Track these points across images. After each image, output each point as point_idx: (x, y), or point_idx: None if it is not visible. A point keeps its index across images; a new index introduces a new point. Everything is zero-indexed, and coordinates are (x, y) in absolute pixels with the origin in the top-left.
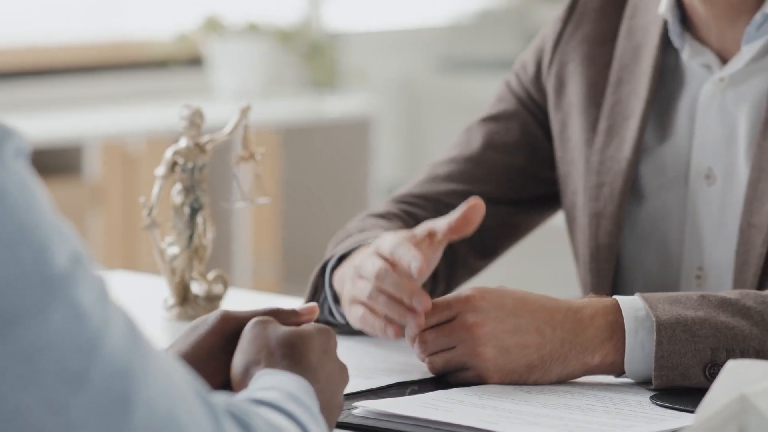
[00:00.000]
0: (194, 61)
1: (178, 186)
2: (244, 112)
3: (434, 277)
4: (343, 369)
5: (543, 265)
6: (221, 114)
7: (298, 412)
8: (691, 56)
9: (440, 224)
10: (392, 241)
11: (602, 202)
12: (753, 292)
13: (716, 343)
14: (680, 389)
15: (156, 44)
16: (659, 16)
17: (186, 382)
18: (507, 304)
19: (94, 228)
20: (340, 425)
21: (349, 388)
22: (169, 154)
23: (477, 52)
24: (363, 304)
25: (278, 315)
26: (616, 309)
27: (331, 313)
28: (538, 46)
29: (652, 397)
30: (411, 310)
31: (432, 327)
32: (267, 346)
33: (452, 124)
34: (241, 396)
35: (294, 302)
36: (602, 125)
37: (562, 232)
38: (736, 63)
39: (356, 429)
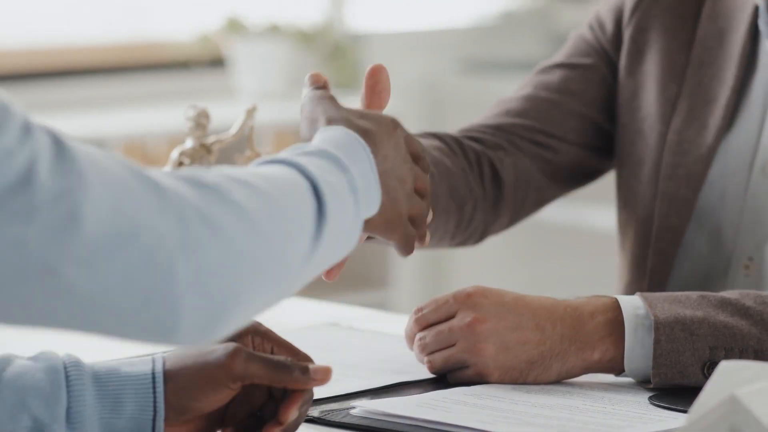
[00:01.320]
0: (216, 62)
1: None
2: (250, 113)
3: (500, 201)
4: (407, 160)
5: (543, 265)
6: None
7: (313, 165)
8: None
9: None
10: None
11: (676, 184)
12: (753, 292)
13: (715, 342)
14: (679, 390)
15: (178, 45)
16: (748, 2)
17: (124, 171)
18: (507, 302)
19: None
20: (337, 425)
21: (348, 388)
22: (175, 154)
23: (500, 53)
24: None
25: (289, 370)
26: (616, 307)
27: None
28: (616, 5)
29: (650, 398)
30: None
31: (431, 325)
32: (332, 108)
33: None
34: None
35: (306, 304)
36: (683, 105)
37: (562, 231)
38: None
39: (354, 429)
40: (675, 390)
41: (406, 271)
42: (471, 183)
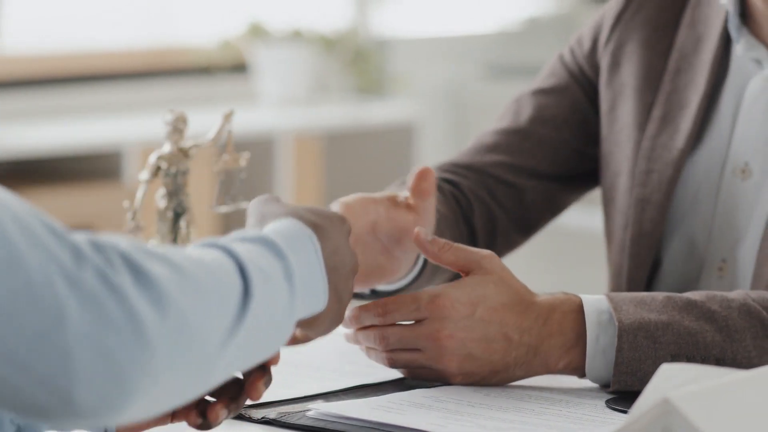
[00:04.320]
0: (238, 68)
1: (162, 190)
2: (228, 117)
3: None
4: (354, 256)
5: (557, 269)
6: (265, 120)
7: (244, 249)
8: (746, 50)
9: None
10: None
11: (649, 189)
12: (720, 295)
13: (677, 350)
14: (638, 393)
15: (200, 51)
16: (722, 8)
17: (44, 229)
18: (476, 312)
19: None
20: (293, 427)
21: (308, 390)
22: (152, 159)
23: (524, 59)
24: None
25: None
26: (582, 313)
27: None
28: (596, 23)
29: (608, 401)
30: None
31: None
32: (281, 206)
33: None
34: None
35: None
36: (657, 112)
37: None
38: None
39: (308, 431)
40: (634, 393)
41: None
42: (453, 227)
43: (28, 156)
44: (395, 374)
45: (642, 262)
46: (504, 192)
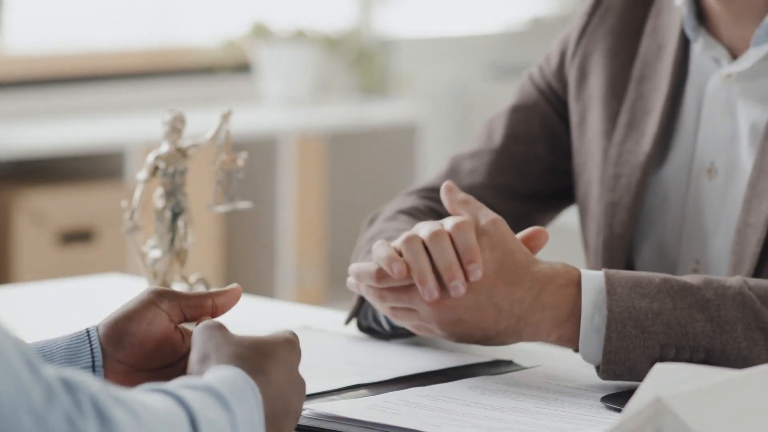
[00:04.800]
0: (242, 68)
1: (160, 190)
2: (225, 117)
3: None
4: (301, 383)
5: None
6: (268, 120)
7: (194, 398)
8: (703, 49)
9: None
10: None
11: (618, 193)
12: (716, 281)
13: (666, 340)
14: (633, 391)
15: (203, 50)
16: (679, 12)
17: (8, 342)
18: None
19: None
20: None
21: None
22: (150, 158)
23: (527, 59)
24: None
25: (208, 295)
26: (578, 288)
27: (375, 319)
28: (563, 39)
29: (603, 399)
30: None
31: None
32: (225, 345)
33: None
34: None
35: (286, 307)
36: (623, 119)
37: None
38: (744, 62)
39: (303, 431)
40: (629, 391)
41: None
42: None
43: (31, 156)
44: (390, 375)
45: (615, 266)
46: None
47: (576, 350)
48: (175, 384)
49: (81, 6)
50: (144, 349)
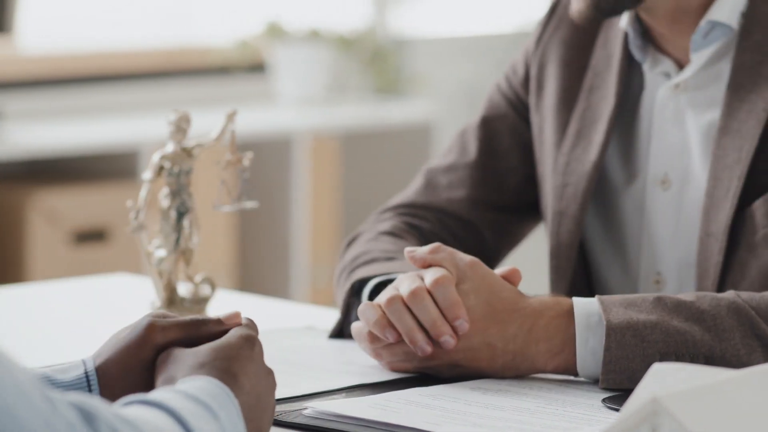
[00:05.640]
0: (256, 67)
1: (165, 190)
2: (231, 116)
3: None
4: (269, 374)
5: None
6: (283, 120)
7: (184, 408)
8: (651, 66)
9: None
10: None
11: (565, 202)
12: (710, 294)
13: (666, 348)
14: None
15: (218, 50)
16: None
17: (22, 375)
18: None
19: None
20: (289, 425)
21: (306, 389)
22: (156, 158)
23: None
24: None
25: (203, 324)
26: (570, 316)
27: None
28: (526, 49)
29: (604, 399)
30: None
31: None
32: (188, 358)
33: None
34: (134, 396)
35: (293, 307)
36: (572, 128)
37: None
38: (688, 70)
39: (305, 429)
40: (631, 392)
41: None
42: None
43: (45, 155)
44: (390, 375)
45: (563, 275)
46: (464, 231)
47: (576, 376)
48: (166, 395)
49: (96, 6)
50: (140, 382)
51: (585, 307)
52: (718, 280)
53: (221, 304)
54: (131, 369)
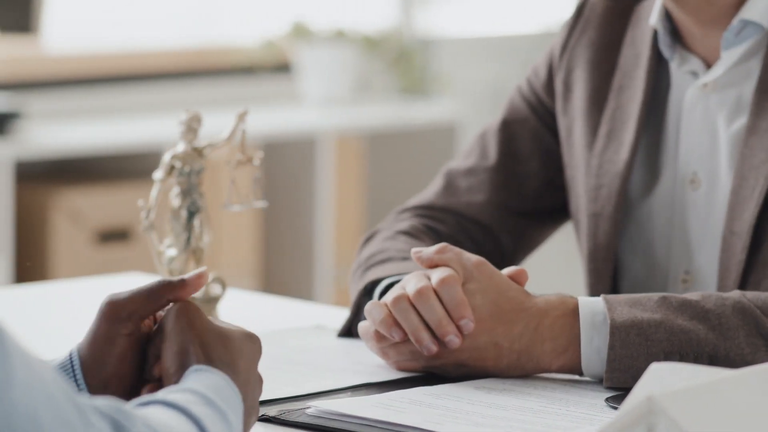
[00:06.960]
0: (281, 68)
1: (176, 189)
2: (242, 116)
3: None
4: (260, 381)
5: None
6: (308, 120)
7: (203, 414)
8: (679, 65)
9: None
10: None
11: (600, 204)
12: (715, 294)
13: (670, 347)
14: None
15: (243, 50)
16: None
17: (55, 385)
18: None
19: None
20: (292, 424)
21: (310, 389)
22: (167, 157)
23: None
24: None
25: (167, 288)
26: (575, 316)
27: None
28: (549, 53)
29: (607, 399)
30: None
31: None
32: (200, 340)
33: None
34: (156, 396)
35: (302, 306)
36: (603, 129)
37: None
38: (717, 69)
39: (308, 428)
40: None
41: None
42: None
43: (69, 155)
44: (396, 374)
45: (601, 277)
46: (482, 235)
47: (581, 375)
48: (182, 397)
49: (122, 6)
50: (119, 357)
51: (590, 306)
52: (740, 279)
53: (235, 303)
54: (101, 348)
